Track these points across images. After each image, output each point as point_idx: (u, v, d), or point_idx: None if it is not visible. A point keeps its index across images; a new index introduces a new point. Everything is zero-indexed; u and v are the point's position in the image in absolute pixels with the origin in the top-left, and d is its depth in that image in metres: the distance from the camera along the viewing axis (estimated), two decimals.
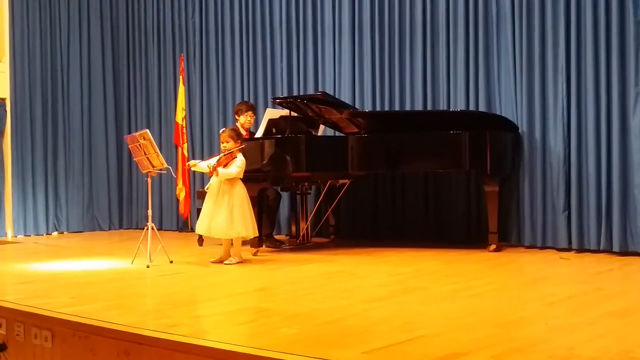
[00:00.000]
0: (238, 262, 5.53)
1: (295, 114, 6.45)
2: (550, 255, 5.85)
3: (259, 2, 8.12)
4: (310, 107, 6.45)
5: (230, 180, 5.53)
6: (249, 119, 6.85)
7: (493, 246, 6.04)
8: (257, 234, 5.75)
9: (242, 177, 5.62)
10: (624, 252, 5.70)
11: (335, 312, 3.68)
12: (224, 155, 5.59)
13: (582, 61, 5.98)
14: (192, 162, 5.88)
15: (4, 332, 3.86)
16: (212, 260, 5.65)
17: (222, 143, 5.65)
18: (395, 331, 3.24)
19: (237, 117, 6.92)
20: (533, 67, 6.23)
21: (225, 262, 5.56)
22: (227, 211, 5.48)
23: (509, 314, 3.64)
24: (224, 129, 5.83)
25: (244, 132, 6.83)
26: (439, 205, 6.86)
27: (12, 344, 3.82)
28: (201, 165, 5.72)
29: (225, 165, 5.52)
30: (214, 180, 5.58)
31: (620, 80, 5.75)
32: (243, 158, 5.63)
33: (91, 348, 3.40)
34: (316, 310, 3.75)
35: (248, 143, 6.35)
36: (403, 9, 7.04)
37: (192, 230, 8.04)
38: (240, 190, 5.57)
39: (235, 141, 5.63)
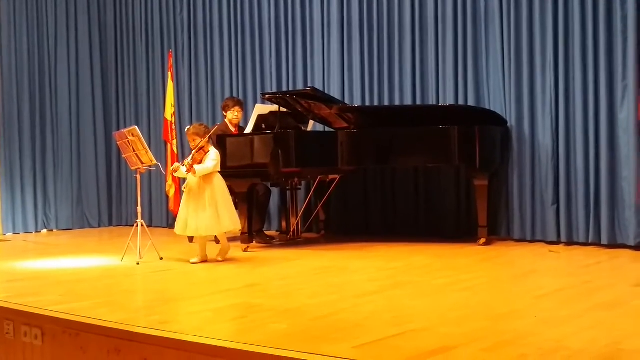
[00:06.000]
0: (223, 260, 5.43)
1: (285, 110, 6.45)
2: (540, 249, 5.88)
3: None
4: (299, 102, 6.45)
5: (209, 175, 5.38)
6: (236, 114, 6.84)
7: (483, 240, 6.06)
8: (240, 227, 5.68)
9: (219, 169, 5.48)
10: (612, 245, 5.74)
11: (326, 307, 3.69)
12: (196, 152, 5.41)
13: (570, 55, 6.00)
14: (175, 165, 5.61)
15: None
16: (191, 261, 5.44)
17: (190, 143, 5.52)
18: (385, 325, 3.25)
19: (224, 114, 6.91)
20: (521, 62, 6.25)
21: (217, 257, 5.47)
22: (212, 206, 5.34)
23: (499, 308, 3.66)
24: (187, 127, 5.69)
25: (232, 129, 6.82)
26: (429, 199, 6.88)
27: (2, 342, 3.81)
28: (182, 170, 5.44)
29: (200, 162, 5.37)
30: (191, 178, 5.39)
31: (608, 74, 5.78)
32: (216, 150, 5.52)
33: (81, 346, 3.40)
34: (307, 306, 3.76)
35: (237, 139, 6.35)
36: (392, 3, 7.04)
37: None
38: (220, 184, 5.44)
39: (201, 137, 5.45)
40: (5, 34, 8.40)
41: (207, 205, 5.34)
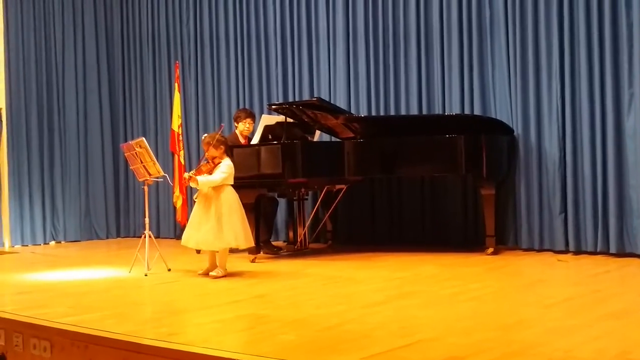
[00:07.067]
0: (223, 276, 5.22)
1: (291, 120, 6.46)
2: (548, 258, 5.86)
3: (253, 8, 8.13)
4: (305, 112, 6.46)
5: (218, 187, 5.21)
6: (247, 126, 6.84)
7: (490, 249, 6.05)
8: (251, 244, 5.49)
9: (232, 182, 5.29)
10: (621, 254, 5.72)
11: (334, 318, 3.69)
12: (204, 163, 5.32)
13: (576, 63, 6.00)
14: (185, 175, 5.45)
15: (2, 343, 3.85)
16: (199, 272, 5.42)
17: (205, 152, 5.38)
18: (393, 336, 3.24)
19: (236, 124, 6.92)
20: (527, 70, 6.25)
21: (211, 273, 5.29)
22: (215, 220, 5.14)
23: (507, 317, 3.65)
24: (204, 135, 5.57)
25: (242, 140, 6.84)
26: (436, 209, 6.87)
27: (11, 355, 3.81)
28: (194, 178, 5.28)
29: (210, 173, 5.26)
30: (202, 189, 5.25)
31: (614, 82, 5.77)
32: (230, 163, 5.32)
33: (90, 358, 3.40)
34: (314, 316, 3.76)
35: (244, 150, 6.36)
36: (397, 13, 7.06)
37: None
38: (229, 197, 5.22)
39: (216, 148, 5.28)
40: (13, 46, 8.44)
41: (211, 218, 5.17)
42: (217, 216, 5.17)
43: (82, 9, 9.06)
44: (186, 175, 5.38)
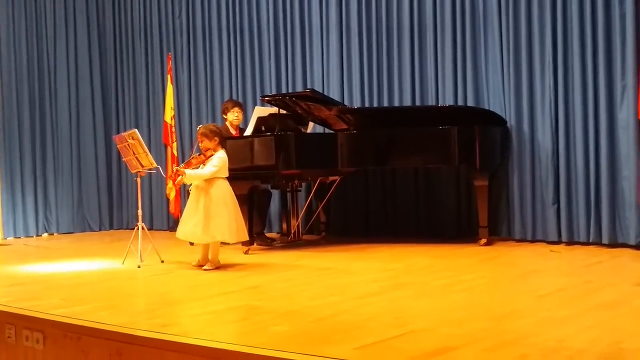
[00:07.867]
0: (216, 268, 5.21)
1: (284, 112, 6.45)
2: (541, 249, 5.88)
3: (246, 0, 8.11)
4: (299, 104, 6.45)
5: (210, 180, 5.16)
6: (236, 114, 6.84)
7: (483, 240, 6.06)
8: (242, 239, 5.45)
9: (225, 175, 5.25)
10: (613, 244, 5.74)
11: (327, 309, 3.69)
12: (196, 155, 5.30)
13: (569, 55, 6.00)
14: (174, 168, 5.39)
15: None
16: (193, 264, 5.41)
17: (199, 143, 5.34)
18: (386, 327, 3.25)
19: (225, 117, 6.91)
20: (520, 61, 6.25)
21: (204, 267, 5.22)
22: (202, 213, 5.10)
23: (500, 308, 3.66)
24: (199, 126, 5.54)
25: (233, 131, 6.82)
26: (429, 200, 6.88)
27: (4, 347, 3.81)
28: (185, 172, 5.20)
29: (202, 165, 5.21)
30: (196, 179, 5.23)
31: (607, 74, 5.77)
32: (223, 155, 5.26)
33: (83, 349, 3.40)
34: (308, 307, 3.76)
35: (237, 141, 6.35)
36: (390, 6, 7.04)
37: None
38: (219, 191, 5.16)
39: (210, 139, 5.25)
40: (5, 39, 8.40)
41: (199, 211, 5.14)
42: (205, 209, 5.14)
43: (73, 1, 9.01)
44: (175, 168, 5.36)
